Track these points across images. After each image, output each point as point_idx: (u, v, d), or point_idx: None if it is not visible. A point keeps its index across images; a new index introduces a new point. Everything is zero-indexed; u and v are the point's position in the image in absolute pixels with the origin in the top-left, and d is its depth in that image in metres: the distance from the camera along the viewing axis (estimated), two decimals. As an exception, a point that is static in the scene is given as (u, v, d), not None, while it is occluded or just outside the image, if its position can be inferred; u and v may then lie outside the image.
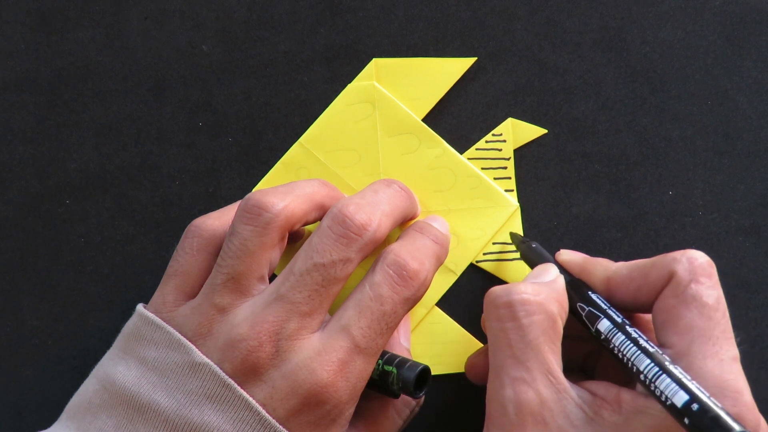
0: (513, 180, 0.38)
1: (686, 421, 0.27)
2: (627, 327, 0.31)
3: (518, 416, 0.30)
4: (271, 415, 0.30)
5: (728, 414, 0.27)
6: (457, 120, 0.39)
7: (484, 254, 0.38)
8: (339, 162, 0.38)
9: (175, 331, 0.32)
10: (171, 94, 0.39)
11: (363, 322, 0.31)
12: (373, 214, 0.32)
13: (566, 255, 0.35)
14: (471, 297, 0.38)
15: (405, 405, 0.34)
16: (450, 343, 0.38)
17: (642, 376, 0.29)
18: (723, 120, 0.39)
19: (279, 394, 0.30)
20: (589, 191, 0.39)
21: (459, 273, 0.38)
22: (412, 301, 0.32)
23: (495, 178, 0.38)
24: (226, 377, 0.30)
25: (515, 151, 0.39)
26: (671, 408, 0.28)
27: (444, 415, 0.38)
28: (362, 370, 0.31)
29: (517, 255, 0.38)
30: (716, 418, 0.26)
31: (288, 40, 0.39)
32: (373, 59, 0.39)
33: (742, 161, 0.39)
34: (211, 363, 0.30)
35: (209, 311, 0.31)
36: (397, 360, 0.32)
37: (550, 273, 0.33)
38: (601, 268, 0.33)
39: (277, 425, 0.30)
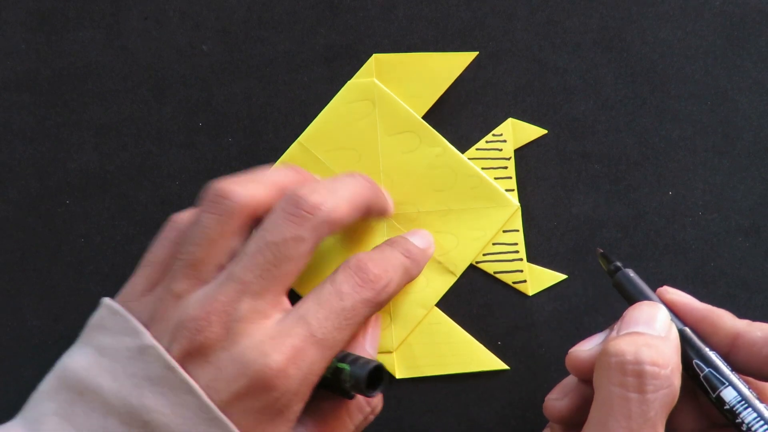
0: (514, 180, 0.38)
1: None
2: (757, 401, 0.28)
3: None
4: (213, 397, 0.29)
5: None
6: (457, 120, 0.39)
7: (484, 255, 0.38)
8: (339, 161, 0.38)
9: (131, 317, 0.32)
10: (171, 94, 0.39)
11: (321, 313, 0.31)
12: (329, 196, 0.32)
13: (677, 295, 0.32)
14: (471, 298, 0.38)
15: (358, 409, 0.34)
16: (449, 344, 0.38)
17: None
18: (723, 120, 0.39)
19: (225, 376, 0.30)
20: (589, 191, 0.39)
21: (458, 274, 0.38)
22: (372, 304, 0.32)
23: (496, 178, 0.38)
24: (170, 359, 0.30)
25: (515, 151, 0.39)
26: None
27: (441, 416, 0.38)
28: (315, 362, 0.30)
29: (518, 256, 0.38)
30: None
31: (288, 40, 0.39)
32: (374, 54, 0.39)
33: (742, 161, 0.39)
34: (158, 345, 0.30)
35: (166, 297, 0.32)
36: (351, 358, 0.32)
37: (661, 322, 0.30)
38: (728, 322, 0.31)
39: (217, 411, 0.29)
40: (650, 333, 0.29)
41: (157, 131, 0.39)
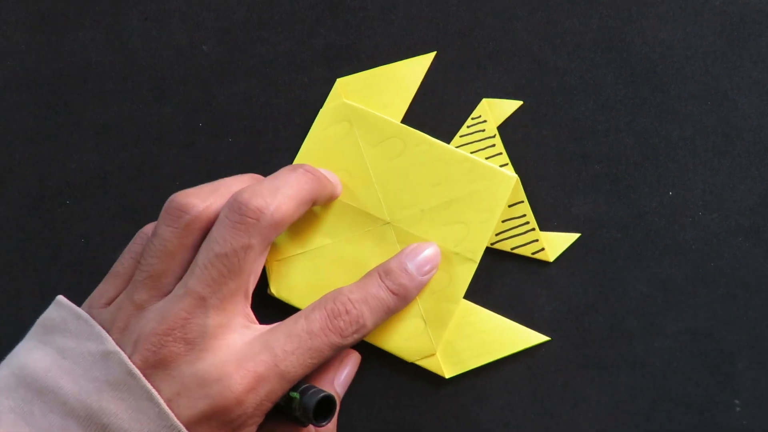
0: (505, 154, 0.38)
1: None
2: None
3: None
4: (176, 414, 0.30)
5: None
6: (457, 120, 0.39)
7: (497, 234, 0.38)
8: None
9: (95, 323, 0.32)
10: (171, 94, 0.39)
11: (288, 347, 0.32)
12: (270, 197, 0.32)
13: None
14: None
15: None
16: (487, 331, 0.37)
17: None
18: (723, 120, 0.39)
19: (187, 393, 0.30)
20: (589, 191, 0.39)
21: (478, 259, 0.37)
22: (339, 347, 0.33)
23: (487, 158, 0.38)
24: (132, 366, 0.30)
25: (513, 149, 0.39)
26: None
27: (441, 416, 0.38)
28: (273, 390, 0.31)
29: (530, 226, 0.38)
30: None
31: (288, 40, 0.39)
32: (337, 79, 0.39)
33: (742, 161, 0.39)
34: (121, 352, 0.31)
35: (128, 307, 0.32)
36: (304, 387, 0.33)
37: None
38: None
39: (175, 420, 0.30)
40: None
41: (157, 131, 0.39)
